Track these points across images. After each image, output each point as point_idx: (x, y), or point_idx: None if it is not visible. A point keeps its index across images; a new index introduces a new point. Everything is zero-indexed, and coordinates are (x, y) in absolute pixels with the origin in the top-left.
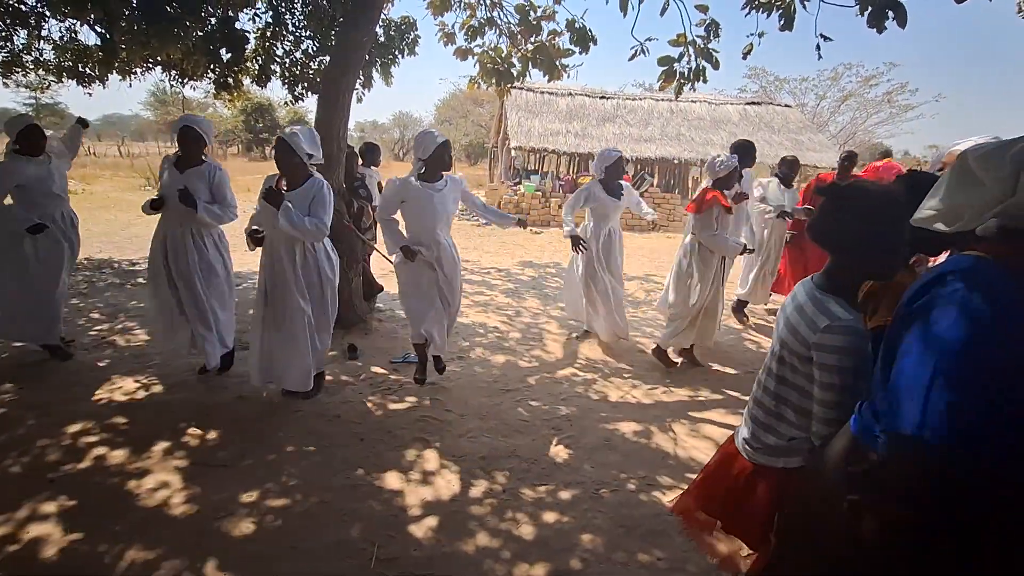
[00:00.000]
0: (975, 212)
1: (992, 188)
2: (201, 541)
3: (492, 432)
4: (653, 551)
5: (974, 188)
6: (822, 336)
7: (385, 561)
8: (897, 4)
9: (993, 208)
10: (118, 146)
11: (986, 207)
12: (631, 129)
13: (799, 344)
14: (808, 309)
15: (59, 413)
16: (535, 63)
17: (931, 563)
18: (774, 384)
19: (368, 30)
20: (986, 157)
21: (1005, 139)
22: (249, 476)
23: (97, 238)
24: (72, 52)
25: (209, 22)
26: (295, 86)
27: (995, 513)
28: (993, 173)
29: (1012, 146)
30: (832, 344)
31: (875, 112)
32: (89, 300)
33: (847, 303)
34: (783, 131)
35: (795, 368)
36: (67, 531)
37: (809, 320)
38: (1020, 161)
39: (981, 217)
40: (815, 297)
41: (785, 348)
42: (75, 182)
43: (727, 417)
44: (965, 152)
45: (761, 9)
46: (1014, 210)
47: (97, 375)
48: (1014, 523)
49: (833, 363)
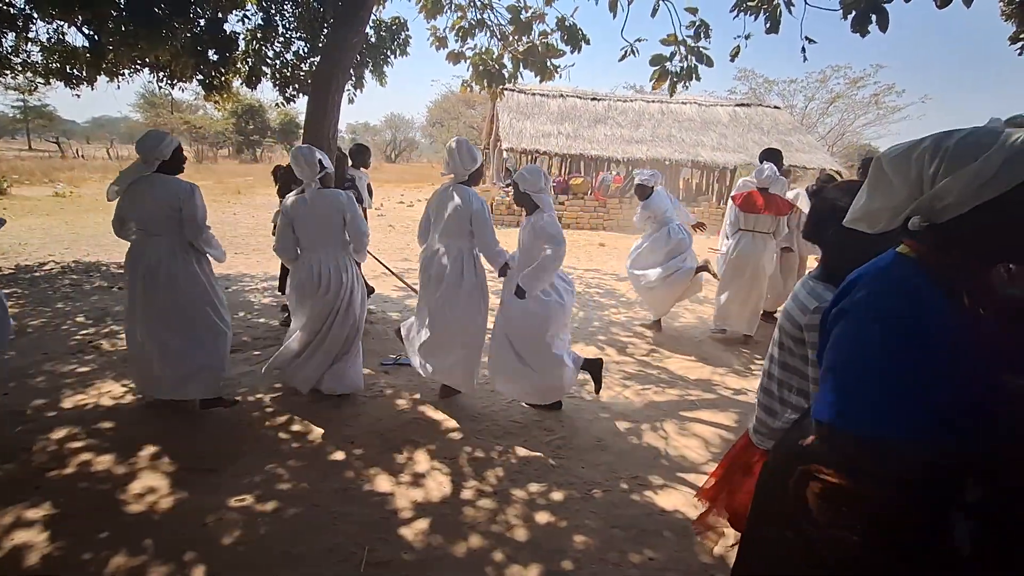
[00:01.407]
0: (891, 213)
1: (901, 189)
2: (189, 547)
3: (483, 434)
4: (645, 551)
5: (888, 189)
6: (812, 317)
7: (376, 565)
8: (879, 8)
9: (906, 208)
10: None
11: (900, 208)
12: (622, 130)
13: (793, 327)
14: (801, 295)
15: (43, 418)
16: (526, 64)
17: (873, 539)
18: (777, 370)
19: (358, 31)
20: (895, 159)
21: (914, 139)
22: (238, 480)
23: (85, 241)
24: (60, 54)
25: (198, 23)
26: (286, 87)
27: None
28: (902, 174)
29: (917, 147)
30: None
31: (863, 114)
32: (76, 304)
33: (836, 288)
34: (772, 132)
35: (792, 352)
36: (52, 538)
37: (801, 304)
38: (924, 161)
39: (898, 218)
40: (808, 284)
41: (783, 333)
42: (63, 185)
43: (717, 416)
44: (879, 155)
45: (749, 11)
46: (923, 209)
47: (83, 379)
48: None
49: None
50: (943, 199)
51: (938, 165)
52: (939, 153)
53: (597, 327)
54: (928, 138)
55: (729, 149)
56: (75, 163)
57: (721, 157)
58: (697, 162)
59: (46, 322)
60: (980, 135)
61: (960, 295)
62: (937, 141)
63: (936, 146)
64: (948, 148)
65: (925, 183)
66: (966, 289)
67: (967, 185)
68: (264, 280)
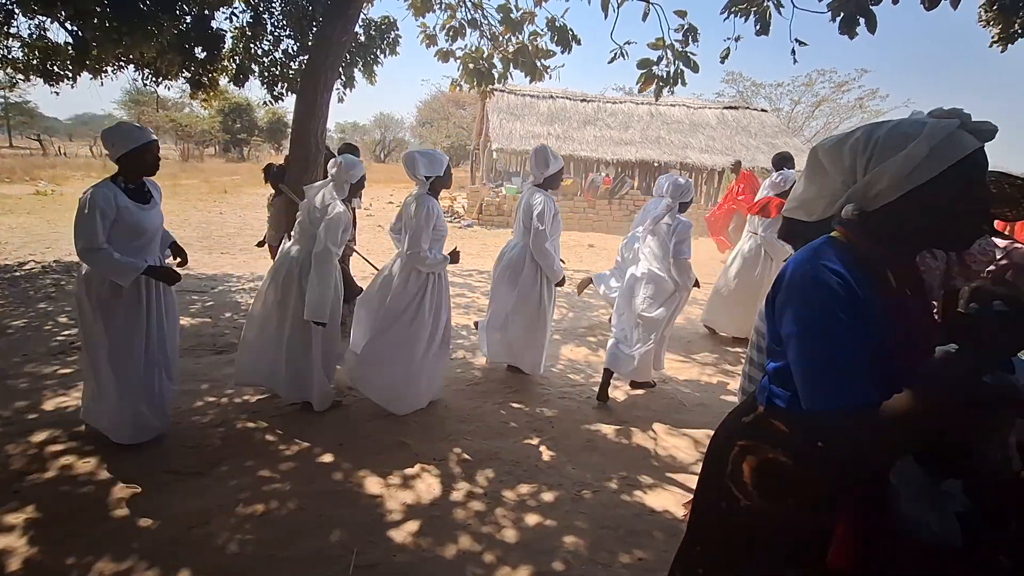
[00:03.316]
0: (827, 201)
1: (836, 177)
2: (174, 552)
3: (473, 435)
4: (635, 551)
5: (823, 178)
6: None
7: (365, 567)
8: (867, 11)
9: (840, 196)
10: (90, 147)
11: (835, 196)
12: (611, 132)
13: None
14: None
15: (23, 421)
16: (516, 64)
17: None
18: (758, 372)
19: (347, 29)
20: (829, 149)
21: (847, 131)
22: (224, 483)
23: (67, 240)
24: (41, 50)
25: (184, 20)
26: (274, 86)
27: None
28: (835, 164)
29: (849, 138)
30: None
31: (848, 117)
32: (58, 304)
33: None
34: (760, 135)
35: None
36: (32, 543)
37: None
38: (856, 151)
39: (833, 205)
40: None
41: (760, 335)
42: (44, 183)
43: (707, 416)
44: (815, 146)
45: (739, 14)
46: (856, 196)
47: (65, 381)
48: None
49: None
50: (874, 187)
51: (869, 154)
52: (870, 143)
53: (586, 328)
54: (859, 129)
55: (717, 151)
56: (57, 161)
57: (709, 159)
58: (685, 164)
59: (27, 323)
60: (906, 126)
61: (886, 277)
62: (868, 132)
63: (867, 137)
64: (879, 138)
65: (858, 172)
66: (892, 272)
67: (897, 173)
68: (251, 280)
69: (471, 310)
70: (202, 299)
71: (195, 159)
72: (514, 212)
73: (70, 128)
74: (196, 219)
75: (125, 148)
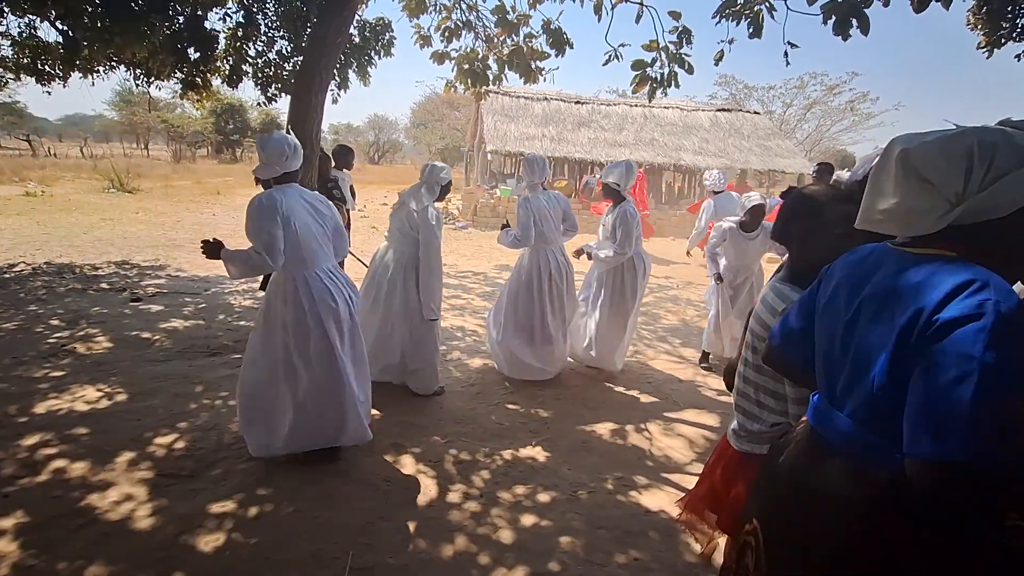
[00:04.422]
0: (934, 213)
1: (944, 188)
2: (167, 556)
3: (469, 436)
4: (631, 551)
5: (923, 189)
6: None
7: (360, 570)
8: (860, 13)
9: (952, 209)
10: (80, 147)
11: (942, 207)
12: (606, 134)
13: (763, 329)
14: (769, 298)
15: (14, 425)
16: (511, 66)
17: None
18: (753, 373)
19: (342, 30)
20: (929, 155)
21: (940, 135)
22: (218, 486)
23: (58, 242)
24: (31, 49)
25: (177, 20)
26: (268, 87)
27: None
28: (942, 174)
29: (955, 144)
30: None
31: (839, 120)
32: (48, 306)
33: (802, 290)
34: (752, 137)
35: None
36: (23, 547)
37: (769, 306)
38: (971, 161)
39: (946, 217)
40: (775, 286)
41: (755, 337)
42: (34, 184)
43: (701, 416)
44: (903, 150)
45: (731, 17)
46: (971, 210)
47: (56, 384)
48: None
49: None
50: (994, 200)
51: (989, 164)
52: (987, 152)
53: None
54: (964, 135)
55: (710, 153)
56: (47, 162)
57: (702, 161)
58: (679, 166)
59: (18, 326)
60: (1020, 138)
61: None
62: (979, 140)
63: (982, 144)
64: (995, 146)
65: (973, 183)
66: None
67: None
68: (244, 282)
69: (466, 312)
70: (195, 301)
71: (187, 160)
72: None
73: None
74: (189, 220)
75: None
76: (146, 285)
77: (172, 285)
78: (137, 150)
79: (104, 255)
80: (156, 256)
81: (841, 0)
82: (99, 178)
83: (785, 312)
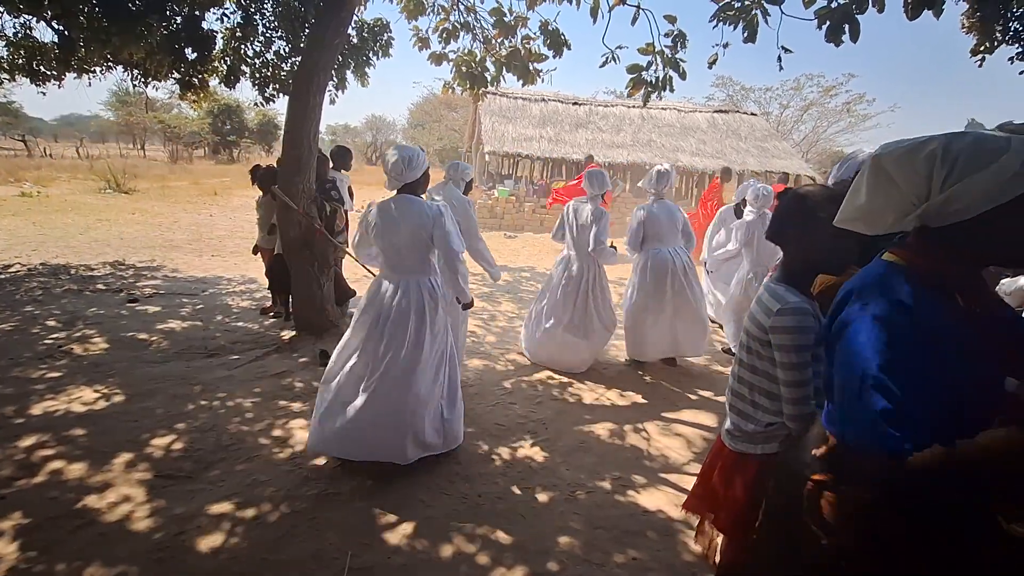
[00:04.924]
0: (896, 215)
1: (907, 190)
2: (165, 557)
3: (467, 436)
4: (629, 551)
5: (890, 190)
6: (775, 319)
7: (359, 570)
8: (851, 19)
9: (912, 211)
10: (76, 147)
11: (905, 209)
12: (603, 135)
13: (759, 330)
14: (764, 298)
15: (10, 426)
16: (509, 67)
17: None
18: (747, 373)
19: (340, 31)
20: (900, 159)
21: (913, 140)
22: (216, 487)
23: (54, 242)
24: (26, 49)
25: (174, 20)
26: (266, 87)
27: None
28: (907, 176)
29: (923, 148)
30: (784, 325)
31: (835, 121)
32: (45, 307)
33: (797, 291)
34: (750, 138)
35: (760, 355)
36: (21, 549)
37: (764, 307)
38: (932, 164)
39: (906, 219)
40: (770, 287)
41: (750, 337)
42: (30, 184)
43: (698, 416)
44: (877, 154)
45: (727, 21)
46: (932, 212)
47: (53, 385)
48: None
49: (788, 343)
50: (954, 203)
51: (949, 169)
52: (948, 157)
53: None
54: (931, 140)
55: (708, 155)
56: (42, 162)
57: (700, 162)
58: (677, 167)
59: (14, 327)
60: (989, 141)
61: (953, 297)
62: (944, 145)
63: (945, 150)
64: (960, 151)
65: (934, 186)
66: (958, 291)
67: (985, 189)
68: (242, 283)
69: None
70: (192, 302)
71: (184, 161)
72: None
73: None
74: (186, 221)
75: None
76: (143, 286)
77: (169, 286)
78: (133, 151)
79: (100, 256)
80: (153, 257)
81: (835, 6)
82: (95, 179)
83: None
